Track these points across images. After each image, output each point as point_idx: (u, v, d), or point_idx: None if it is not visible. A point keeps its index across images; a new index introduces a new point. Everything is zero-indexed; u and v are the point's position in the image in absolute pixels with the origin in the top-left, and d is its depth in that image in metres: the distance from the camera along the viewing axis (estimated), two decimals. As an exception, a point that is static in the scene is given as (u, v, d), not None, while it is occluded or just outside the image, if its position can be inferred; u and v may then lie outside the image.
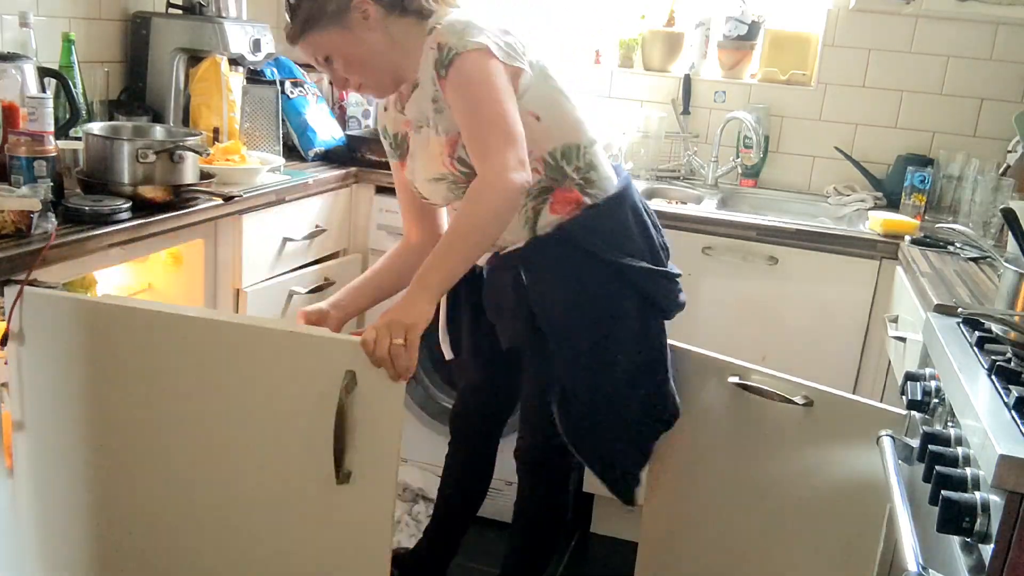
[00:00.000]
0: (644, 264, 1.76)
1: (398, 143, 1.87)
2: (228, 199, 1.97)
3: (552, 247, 1.74)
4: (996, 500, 1.02)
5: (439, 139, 1.73)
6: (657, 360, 1.82)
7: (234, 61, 2.47)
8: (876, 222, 2.36)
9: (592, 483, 2.62)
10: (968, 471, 1.13)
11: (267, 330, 1.44)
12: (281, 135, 2.41)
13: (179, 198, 1.88)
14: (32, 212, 1.55)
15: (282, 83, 2.57)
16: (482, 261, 1.85)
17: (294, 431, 1.45)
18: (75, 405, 1.54)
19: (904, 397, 1.49)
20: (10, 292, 1.47)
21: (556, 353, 1.77)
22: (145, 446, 1.55)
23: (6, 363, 1.55)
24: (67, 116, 2.11)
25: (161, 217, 1.81)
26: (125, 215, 1.73)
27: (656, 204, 2.60)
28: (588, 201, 1.75)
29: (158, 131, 2.04)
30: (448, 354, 2.00)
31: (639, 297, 1.77)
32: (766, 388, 1.74)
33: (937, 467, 1.15)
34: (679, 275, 1.84)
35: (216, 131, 2.40)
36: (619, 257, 1.74)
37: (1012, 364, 1.26)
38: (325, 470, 1.42)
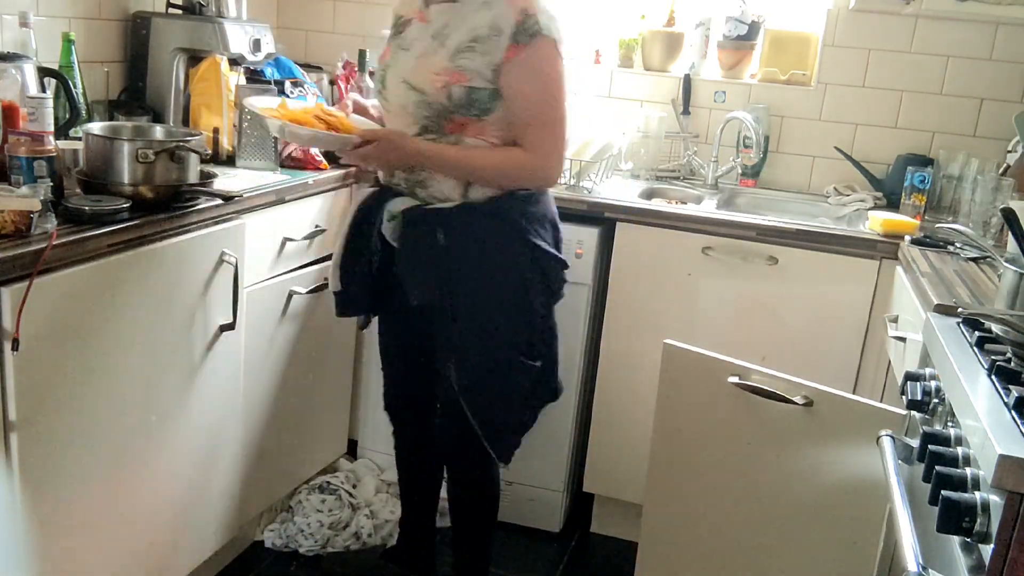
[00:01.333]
0: (552, 250, 1.97)
1: (398, 26, 1.96)
2: (228, 199, 1.97)
3: (481, 217, 1.91)
4: (996, 500, 1.02)
5: (446, 64, 1.83)
6: (552, 336, 2.05)
7: (234, 61, 2.47)
8: (876, 222, 2.36)
9: (592, 483, 2.62)
10: (968, 471, 1.13)
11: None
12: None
13: (179, 198, 1.88)
14: (32, 212, 1.55)
15: (282, 83, 2.57)
16: (395, 208, 1.97)
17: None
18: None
19: (904, 397, 1.49)
20: (10, 292, 1.47)
21: (461, 314, 1.93)
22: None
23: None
24: (67, 116, 2.11)
25: (161, 217, 1.81)
26: (125, 215, 1.73)
27: (656, 204, 2.61)
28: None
29: (158, 131, 2.04)
30: (335, 285, 2.09)
31: (542, 277, 1.96)
32: (766, 388, 1.74)
33: (937, 467, 1.15)
34: (568, 267, 2.05)
35: (216, 131, 2.40)
36: (536, 239, 1.94)
37: (1012, 364, 1.26)
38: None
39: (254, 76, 2.56)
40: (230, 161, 2.38)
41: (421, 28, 1.90)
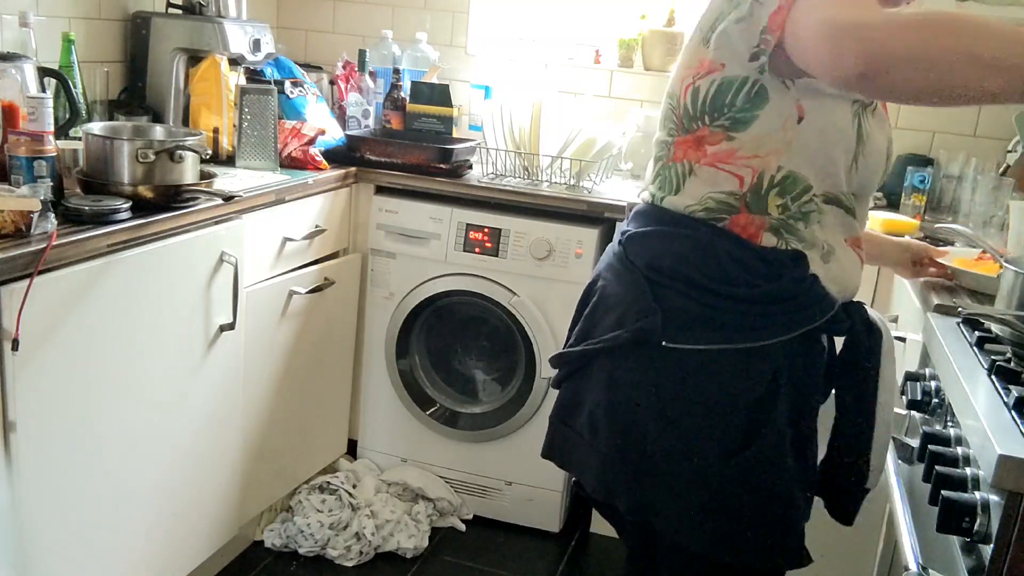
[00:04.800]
0: None
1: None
2: (228, 199, 1.97)
3: None
4: (996, 500, 1.02)
5: (699, 49, 1.31)
6: None
7: (234, 61, 2.47)
8: (876, 222, 2.36)
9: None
10: (968, 471, 1.13)
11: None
12: (277, 135, 2.40)
13: (179, 198, 1.88)
14: (32, 212, 1.55)
15: (282, 83, 2.57)
16: None
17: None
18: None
19: (904, 397, 1.48)
20: (10, 292, 1.47)
21: None
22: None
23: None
24: (67, 116, 2.11)
25: (161, 217, 1.81)
26: (125, 215, 1.74)
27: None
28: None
29: (158, 131, 2.04)
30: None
31: None
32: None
33: (937, 467, 1.15)
34: None
35: (216, 131, 2.40)
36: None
37: (1012, 364, 1.26)
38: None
39: (254, 76, 2.56)
40: (230, 161, 2.39)
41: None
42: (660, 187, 1.35)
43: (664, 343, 1.25)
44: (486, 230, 2.50)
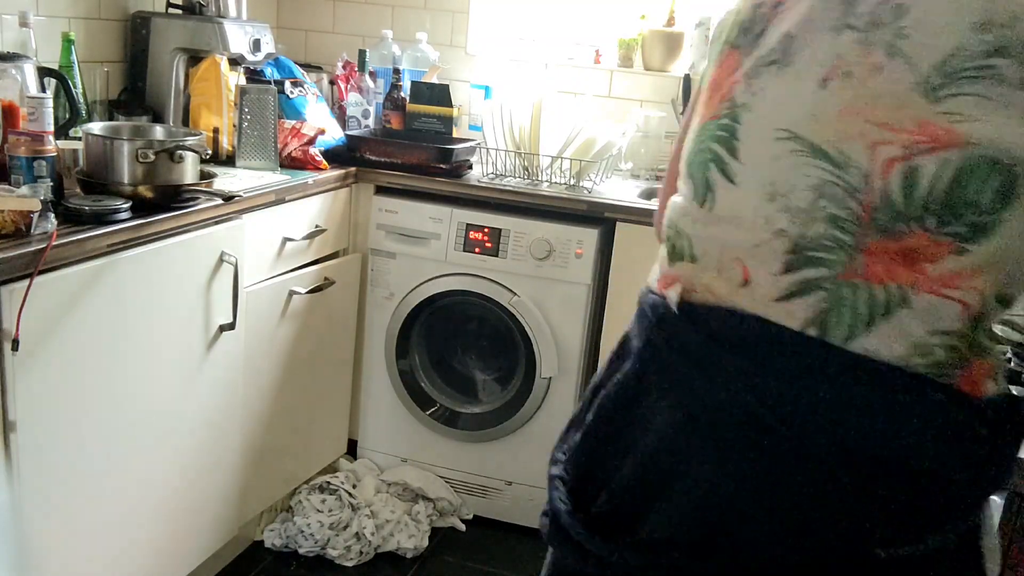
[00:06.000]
0: None
1: (748, 25, 0.98)
2: (228, 199, 1.97)
3: None
4: (996, 500, 1.02)
5: (915, 100, 0.84)
6: None
7: (234, 61, 2.47)
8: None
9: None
10: (968, 471, 1.13)
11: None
12: (277, 135, 2.40)
13: (179, 198, 1.88)
14: (32, 212, 1.55)
15: (282, 83, 2.57)
16: None
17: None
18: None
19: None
20: (10, 292, 1.47)
21: None
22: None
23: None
24: (67, 116, 2.11)
25: (161, 217, 1.81)
26: (125, 215, 1.74)
27: (656, 204, 2.60)
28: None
29: (158, 131, 2.04)
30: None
31: None
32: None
33: (937, 467, 1.15)
34: None
35: (216, 131, 2.40)
36: None
37: (1012, 364, 1.26)
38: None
39: (254, 76, 2.56)
40: (230, 161, 2.39)
41: (809, 12, 0.91)
42: (827, 312, 0.87)
43: (878, 551, 0.89)
44: (486, 230, 2.50)
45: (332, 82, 2.90)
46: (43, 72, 2.04)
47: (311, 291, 2.38)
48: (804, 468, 0.88)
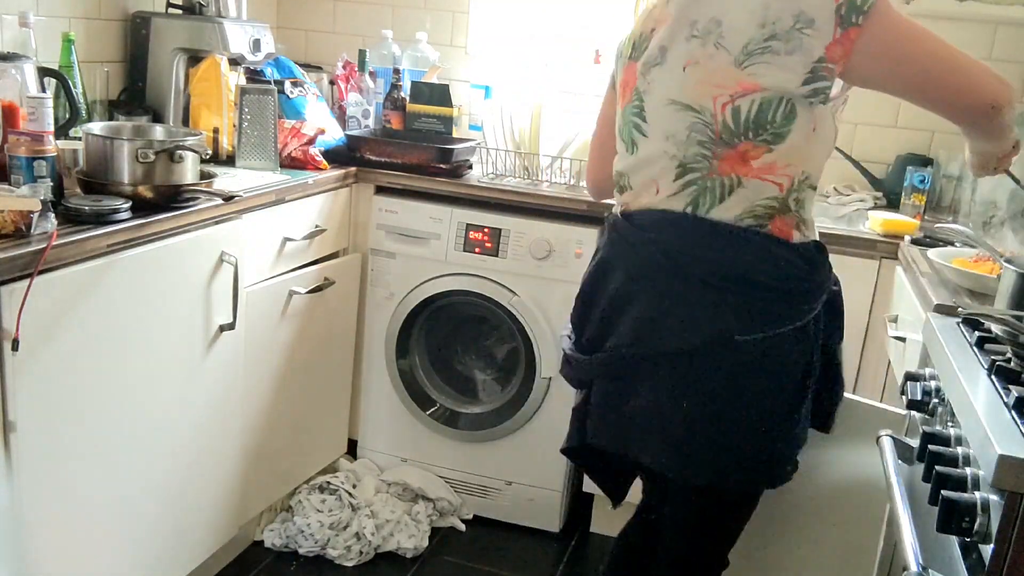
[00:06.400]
0: None
1: (638, 43, 1.60)
2: (228, 199, 1.97)
3: None
4: (996, 500, 1.02)
5: (732, 72, 1.44)
6: None
7: (234, 61, 2.47)
8: (876, 222, 2.36)
9: (591, 483, 2.62)
10: (968, 471, 1.13)
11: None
12: (277, 135, 2.40)
13: (179, 198, 1.88)
14: (32, 212, 1.55)
15: (282, 83, 2.57)
16: None
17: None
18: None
19: (904, 397, 1.48)
20: (10, 292, 1.47)
21: None
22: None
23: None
24: (67, 116, 2.11)
25: (161, 217, 1.81)
26: (125, 215, 1.74)
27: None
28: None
29: (158, 131, 2.04)
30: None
31: None
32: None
33: (937, 467, 1.15)
34: None
35: (216, 131, 2.40)
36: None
37: (1012, 364, 1.26)
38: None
39: (254, 76, 2.56)
40: (230, 161, 2.39)
41: (670, 31, 1.52)
42: (698, 198, 1.48)
43: (736, 337, 1.44)
44: (486, 230, 2.50)
45: (332, 82, 2.90)
46: (43, 72, 2.04)
47: (311, 291, 2.38)
48: (690, 285, 1.47)
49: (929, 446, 1.22)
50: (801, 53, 1.40)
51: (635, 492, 1.85)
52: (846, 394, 1.69)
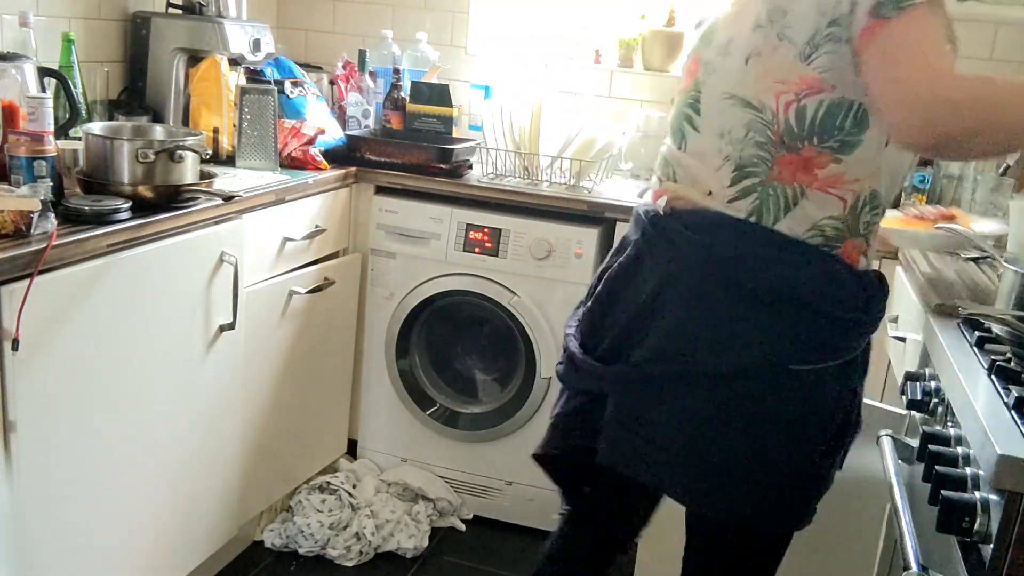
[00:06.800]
0: None
1: (709, 30, 1.46)
2: (228, 199, 1.97)
3: None
4: (996, 500, 1.02)
5: (796, 64, 1.29)
6: None
7: (234, 61, 2.47)
8: (876, 222, 2.36)
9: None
10: (968, 471, 1.13)
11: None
12: (277, 135, 2.40)
13: (179, 198, 1.88)
14: (32, 212, 1.55)
15: (282, 83, 2.57)
16: None
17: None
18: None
19: (904, 397, 1.49)
20: (10, 292, 1.47)
21: None
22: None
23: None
24: (67, 116, 2.10)
25: (161, 217, 1.81)
26: (125, 215, 1.74)
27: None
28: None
29: (158, 131, 2.04)
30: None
31: None
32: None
33: (937, 467, 1.15)
34: None
35: (216, 131, 2.40)
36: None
37: (1012, 364, 1.26)
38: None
39: (254, 76, 2.56)
40: (230, 161, 2.39)
41: (738, 19, 1.37)
42: (761, 207, 1.33)
43: (792, 366, 1.32)
44: (486, 230, 2.50)
45: (332, 82, 2.90)
46: (43, 72, 2.04)
47: (311, 291, 2.38)
48: (737, 300, 1.32)
49: (929, 446, 1.22)
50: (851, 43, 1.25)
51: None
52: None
